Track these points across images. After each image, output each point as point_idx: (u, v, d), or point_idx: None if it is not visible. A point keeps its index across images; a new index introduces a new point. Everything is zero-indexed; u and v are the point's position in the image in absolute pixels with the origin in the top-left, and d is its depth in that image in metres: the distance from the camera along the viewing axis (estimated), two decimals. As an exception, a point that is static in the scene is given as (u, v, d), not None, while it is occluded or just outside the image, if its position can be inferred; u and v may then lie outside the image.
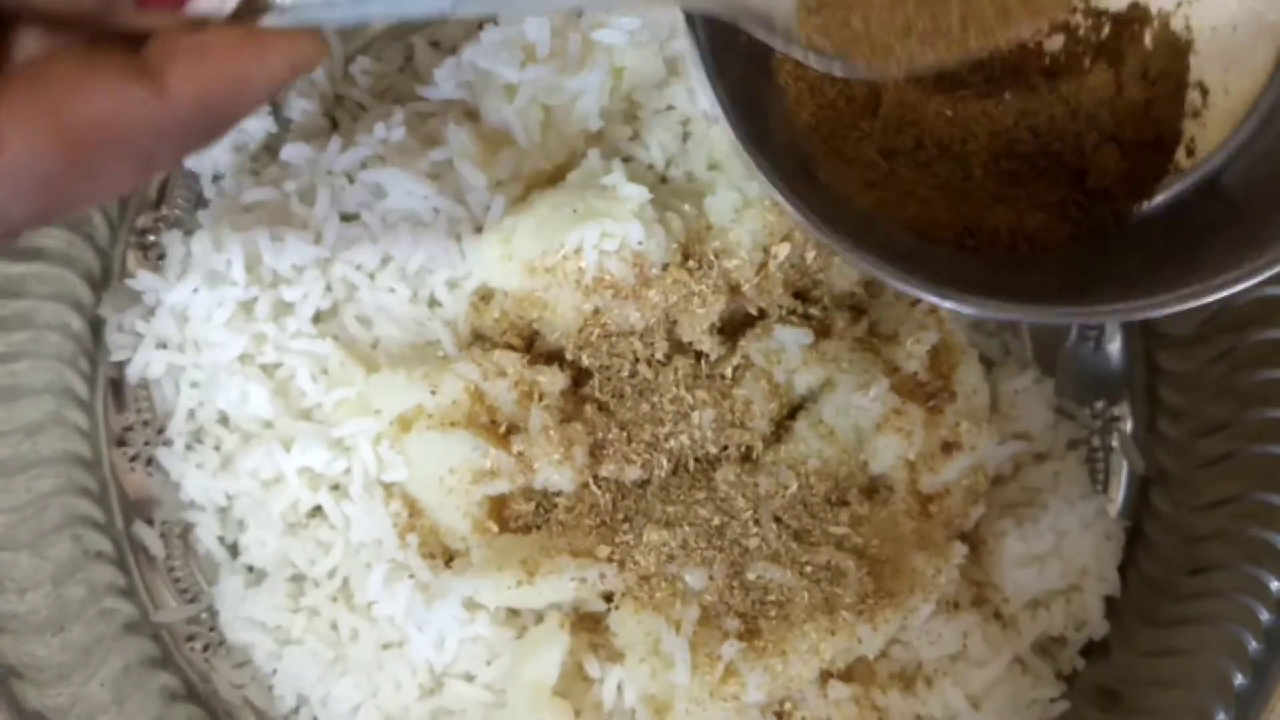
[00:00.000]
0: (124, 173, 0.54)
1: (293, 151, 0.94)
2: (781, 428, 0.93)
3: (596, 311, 0.91)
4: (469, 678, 0.90)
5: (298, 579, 0.93)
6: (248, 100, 0.56)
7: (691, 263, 0.90)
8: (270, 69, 0.55)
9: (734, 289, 0.92)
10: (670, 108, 0.97)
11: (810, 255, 0.93)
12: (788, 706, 0.88)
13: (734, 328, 0.94)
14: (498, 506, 0.91)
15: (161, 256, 0.96)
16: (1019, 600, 0.92)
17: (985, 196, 0.80)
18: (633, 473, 0.89)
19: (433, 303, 0.94)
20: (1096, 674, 0.94)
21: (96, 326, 0.95)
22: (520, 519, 0.91)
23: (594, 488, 0.89)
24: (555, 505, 0.90)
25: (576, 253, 0.88)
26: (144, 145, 0.53)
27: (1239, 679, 0.85)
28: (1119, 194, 0.81)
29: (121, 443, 0.96)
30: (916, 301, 0.94)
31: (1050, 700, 0.93)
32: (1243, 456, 0.93)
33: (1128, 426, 1.01)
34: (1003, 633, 0.92)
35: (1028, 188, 0.81)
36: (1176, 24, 0.81)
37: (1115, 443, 1.01)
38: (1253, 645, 0.85)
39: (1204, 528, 0.93)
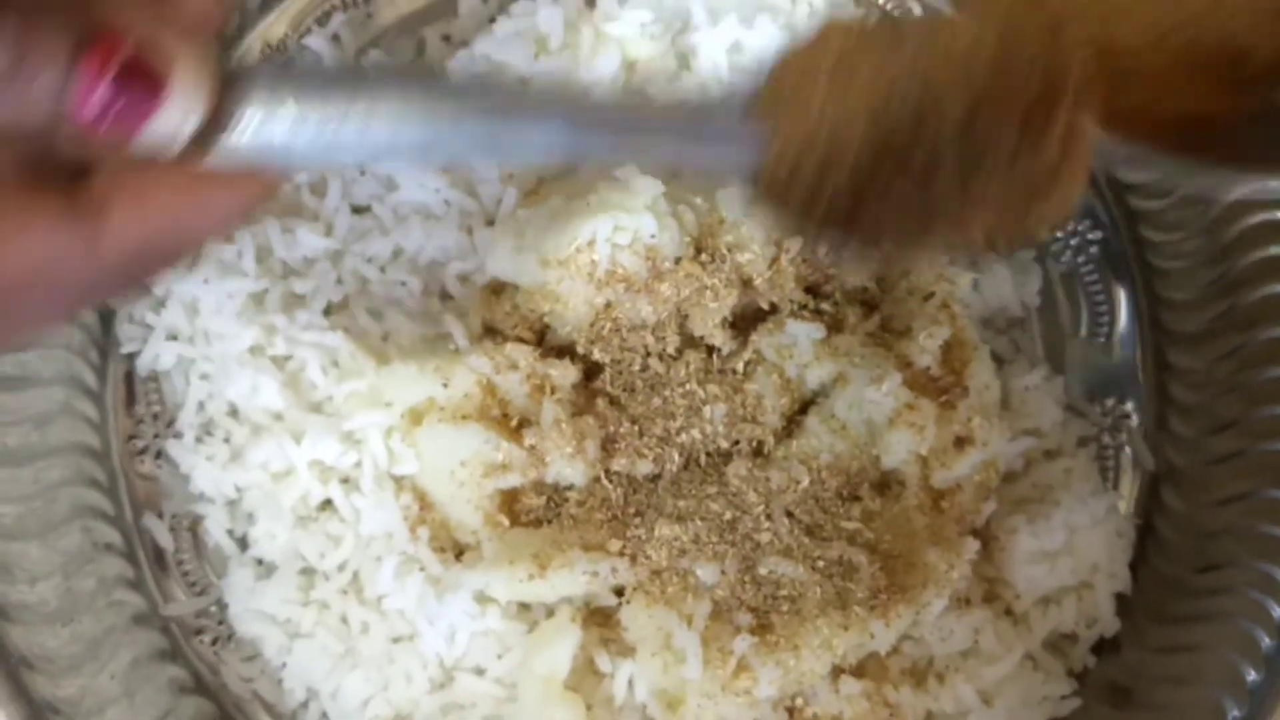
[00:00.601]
0: (44, 316, 0.52)
1: (304, 143, 0.94)
2: (793, 422, 0.92)
3: (608, 305, 0.91)
4: (480, 671, 0.90)
5: (308, 572, 0.92)
6: (183, 249, 0.53)
7: (704, 256, 0.90)
8: (212, 218, 0.52)
9: (746, 283, 0.91)
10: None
11: (822, 250, 0.92)
12: (799, 702, 0.88)
13: (746, 322, 0.93)
14: (509, 500, 0.90)
15: (172, 248, 0.96)
16: (1030, 597, 0.92)
17: None
18: (644, 467, 0.89)
19: (444, 296, 0.94)
20: (1107, 671, 0.94)
21: (106, 317, 0.95)
22: (531, 513, 0.90)
23: (605, 482, 0.89)
24: (566, 499, 0.90)
25: (589, 245, 0.88)
26: (71, 292, 0.50)
27: (1251, 675, 0.84)
28: None
29: (131, 435, 0.95)
30: (929, 296, 0.94)
31: (1061, 697, 0.92)
32: (1253, 453, 0.93)
33: (1138, 424, 1.01)
34: (1014, 629, 0.92)
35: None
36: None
37: (1125, 440, 1.00)
38: (1265, 641, 0.85)
39: (1215, 524, 0.93)
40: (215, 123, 0.51)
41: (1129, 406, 1.01)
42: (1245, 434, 0.94)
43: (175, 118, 0.48)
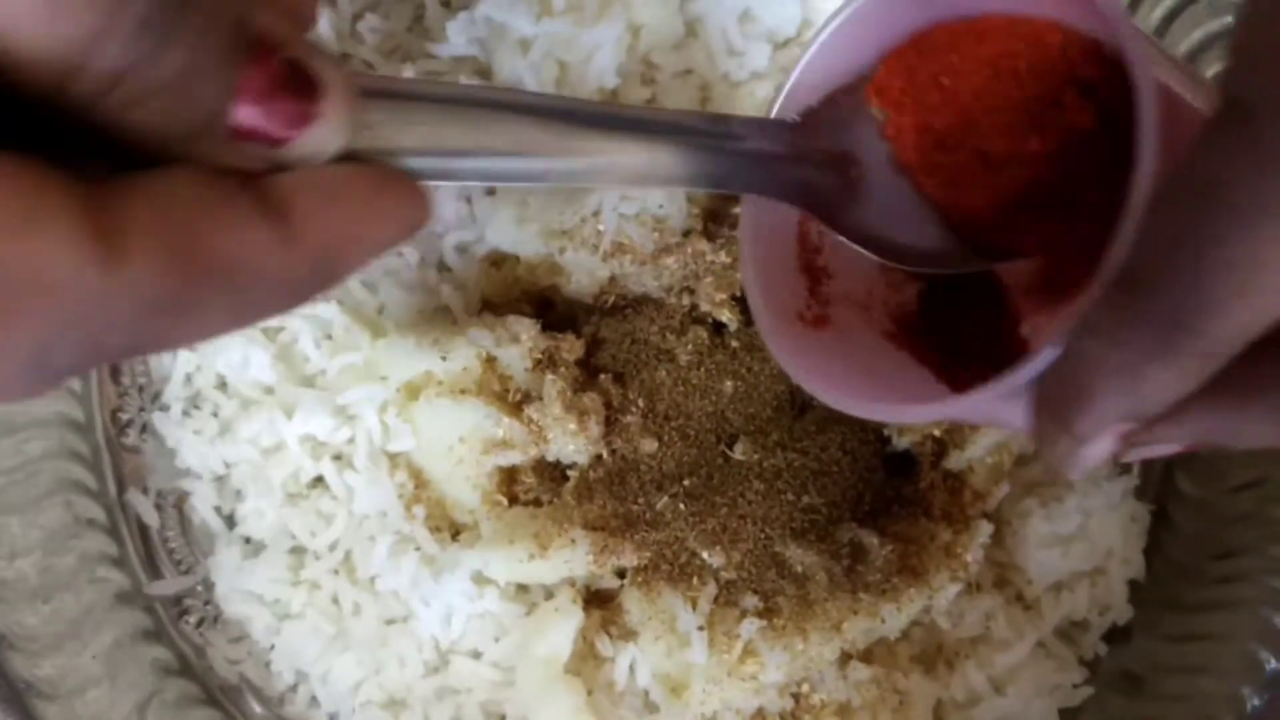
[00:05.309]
0: (221, 319, 0.47)
1: (298, 108, 0.91)
2: (802, 401, 0.90)
3: (613, 278, 0.88)
4: (476, 655, 0.87)
5: (298, 551, 0.90)
6: (362, 258, 0.49)
7: (712, 228, 0.88)
8: (392, 227, 0.50)
9: (754, 258, 0.89)
10: (689, 71, 0.95)
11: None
12: (805, 688, 0.86)
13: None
14: (508, 478, 0.88)
15: (160, 214, 0.92)
16: (1042, 582, 0.90)
17: None
18: (648, 445, 0.86)
19: (442, 267, 0.91)
20: (1119, 659, 0.92)
21: (90, 286, 0.92)
22: (531, 492, 0.88)
23: (608, 459, 0.86)
24: (568, 478, 0.87)
25: (594, 216, 0.85)
26: (254, 292, 0.47)
27: (1271, 663, 0.82)
28: None
29: (116, 407, 0.92)
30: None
31: (1073, 686, 0.90)
32: (1270, 438, 0.91)
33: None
34: (1025, 615, 0.90)
35: None
36: None
37: (1138, 424, 0.98)
38: (1285, 629, 0.83)
39: (1231, 510, 0.91)
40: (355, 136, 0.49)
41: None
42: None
43: (329, 128, 0.47)
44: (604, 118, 0.58)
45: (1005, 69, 0.64)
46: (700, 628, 0.82)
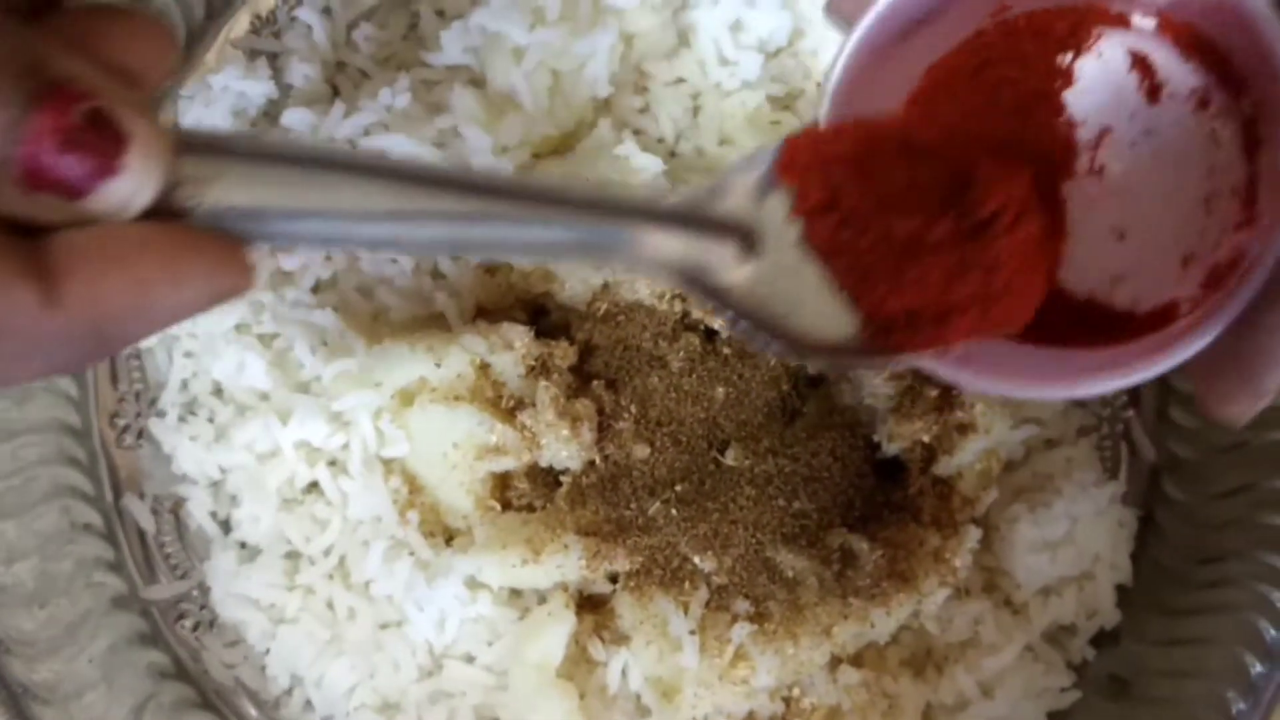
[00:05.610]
0: None
1: (293, 117, 0.92)
2: (793, 407, 0.91)
3: (605, 286, 0.89)
4: (470, 659, 0.88)
5: (293, 556, 0.90)
6: (143, 329, 0.46)
7: (704, 237, 0.88)
8: (185, 294, 0.46)
9: (746, 266, 0.90)
10: (681, 80, 0.95)
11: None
12: (796, 692, 0.86)
13: (745, 305, 0.92)
14: (501, 484, 0.88)
15: (156, 222, 0.93)
16: (1031, 587, 0.90)
17: None
18: (640, 451, 0.87)
19: (436, 274, 0.92)
20: (1106, 663, 0.93)
21: (88, 293, 0.92)
22: (524, 497, 0.88)
23: (601, 465, 0.87)
24: (560, 483, 0.88)
25: (587, 224, 0.86)
26: (14, 353, 0.44)
27: (1256, 667, 0.83)
28: None
29: (113, 413, 0.93)
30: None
31: (1061, 690, 0.91)
32: (1256, 444, 0.91)
33: (1139, 413, 0.99)
34: (1014, 619, 0.91)
35: None
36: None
37: (1126, 430, 0.99)
38: (1270, 633, 0.84)
39: (1217, 516, 0.92)
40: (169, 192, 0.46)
41: (1129, 396, 0.99)
42: (1247, 424, 0.92)
43: (131, 183, 0.44)
44: (460, 183, 0.53)
45: (916, 143, 0.61)
46: (692, 632, 0.82)
